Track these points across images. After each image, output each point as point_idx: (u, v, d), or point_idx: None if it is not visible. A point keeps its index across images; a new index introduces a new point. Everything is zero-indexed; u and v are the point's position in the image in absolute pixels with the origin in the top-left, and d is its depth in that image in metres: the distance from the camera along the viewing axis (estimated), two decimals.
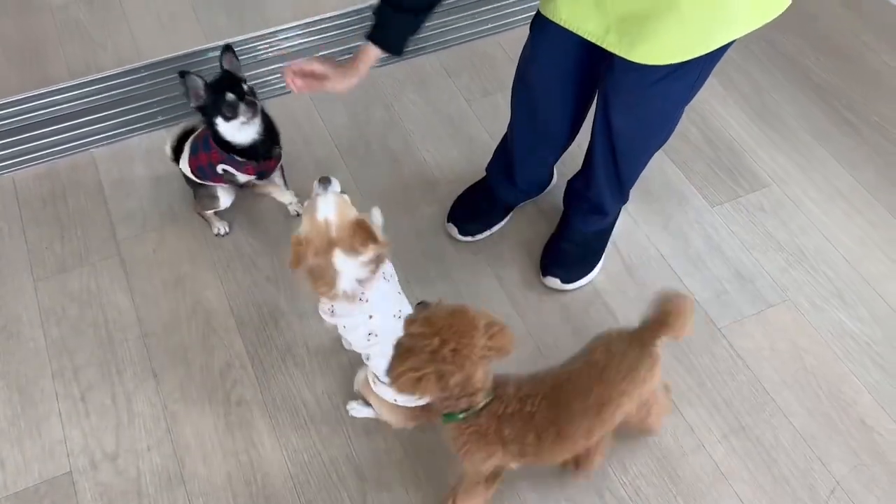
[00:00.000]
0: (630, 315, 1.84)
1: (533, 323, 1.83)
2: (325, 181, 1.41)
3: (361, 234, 1.36)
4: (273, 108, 2.07)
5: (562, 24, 1.42)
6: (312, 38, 2.42)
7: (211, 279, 1.89)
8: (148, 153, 2.12)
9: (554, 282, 1.86)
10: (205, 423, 1.67)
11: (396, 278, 1.53)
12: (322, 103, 2.23)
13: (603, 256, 1.91)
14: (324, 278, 1.38)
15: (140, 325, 1.81)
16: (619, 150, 1.66)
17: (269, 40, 2.41)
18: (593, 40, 1.40)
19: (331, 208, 1.36)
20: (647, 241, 1.97)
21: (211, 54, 2.37)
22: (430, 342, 1.17)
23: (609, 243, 1.93)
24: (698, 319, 1.83)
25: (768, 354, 1.78)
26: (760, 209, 2.04)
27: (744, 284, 1.89)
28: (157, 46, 2.40)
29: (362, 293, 1.41)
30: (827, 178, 2.10)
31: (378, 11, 1.42)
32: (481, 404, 1.29)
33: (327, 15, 2.48)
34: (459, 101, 2.27)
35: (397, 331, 1.25)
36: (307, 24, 2.45)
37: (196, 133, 1.87)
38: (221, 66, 1.72)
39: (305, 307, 1.84)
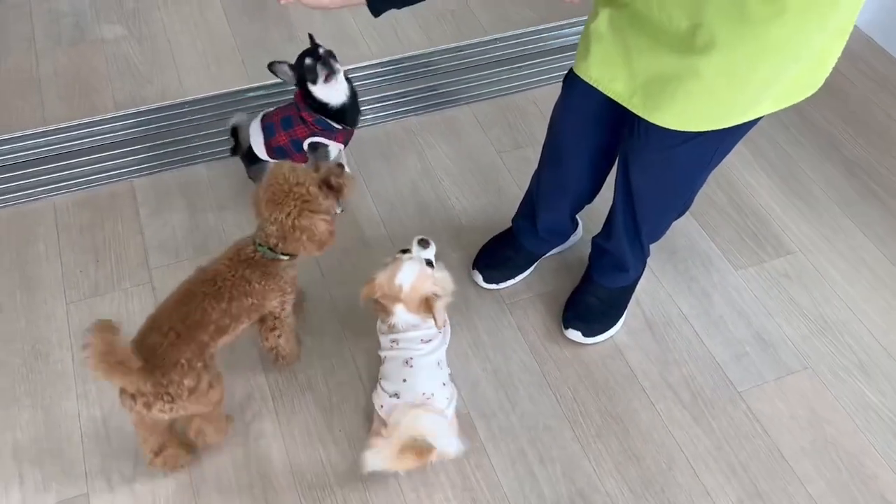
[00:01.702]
0: (650, 372, 1.84)
1: (552, 375, 1.83)
2: (423, 243, 1.61)
3: (426, 309, 1.56)
4: None
5: (592, 83, 1.47)
6: None
7: None
8: (186, 186, 2.18)
9: (575, 335, 1.87)
10: (222, 454, 1.69)
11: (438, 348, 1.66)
12: (357, 148, 2.28)
13: (625, 313, 1.93)
14: (384, 311, 1.61)
15: None
16: (639, 210, 1.69)
17: None
18: (619, 101, 1.45)
19: (409, 278, 1.55)
20: (670, 300, 1.98)
21: (251, 94, 2.45)
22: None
23: (632, 300, 1.95)
24: (718, 381, 1.83)
25: (787, 421, 1.77)
26: (785, 276, 2.05)
27: (765, 349, 1.89)
28: (201, 84, 2.48)
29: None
30: (853, 249, 2.11)
31: None
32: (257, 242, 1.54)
33: (362, 64, 2.55)
34: (491, 153, 2.32)
35: (414, 355, 1.59)
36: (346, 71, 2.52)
37: (266, 116, 2.01)
38: (311, 41, 1.94)
39: (328, 346, 1.87)
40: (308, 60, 1.90)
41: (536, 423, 1.76)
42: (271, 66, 1.92)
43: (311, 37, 1.96)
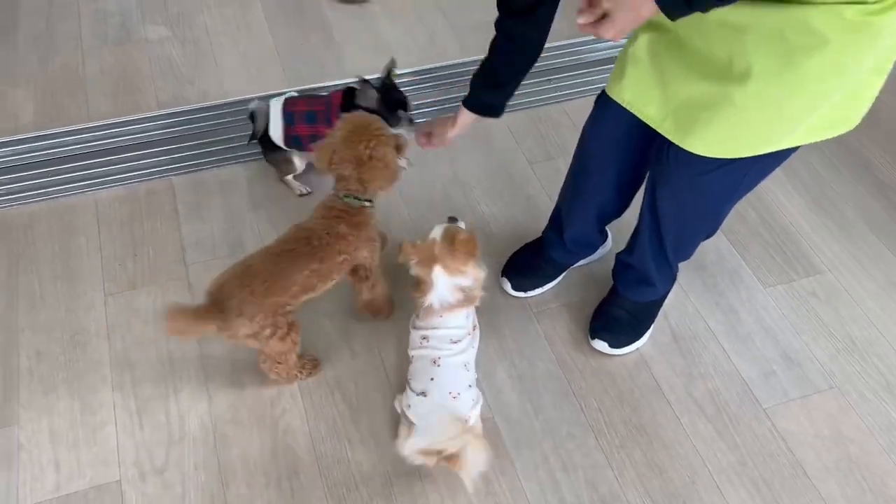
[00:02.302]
0: (675, 385, 1.86)
1: (577, 383, 1.85)
2: (451, 219, 1.74)
3: (461, 249, 1.62)
4: None
5: (625, 105, 1.49)
6: None
7: None
8: (224, 184, 2.23)
9: (602, 345, 1.89)
10: (252, 447, 1.73)
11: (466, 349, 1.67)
12: None
13: (652, 326, 1.94)
14: (421, 287, 1.65)
15: (200, 347, 1.88)
16: (665, 232, 1.70)
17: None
18: (651, 124, 1.47)
19: (439, 231, 1.67)
20: (697, 315, 1.99)
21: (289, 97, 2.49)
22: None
23: (659, 313, 1.96)
24: (743, 397, 1.84)
25: (812, 439, 1.77)
26: (813, 295, 2.05)
27: (791, 367, 1.90)
28: (241, 86, 2.54)
29: (441, 315, 1.65)
30: (883, 272, 2.11)
31: (472, 83, 1.62)
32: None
33: (401, 71, 2.59)
34: (522, 163, 2.35)
35: (443, 354, 1.62)
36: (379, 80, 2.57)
37: (289, 104, 2.07)
38: (388, 78, 2.05)
39: (358, 347, 1.90)
40: (402, 112, 2.04)
41: (560, 430, 1.78)
42: (363, 83, 2.01)
43: (390, 71, 2.06)
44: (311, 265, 1.60)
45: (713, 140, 1.38)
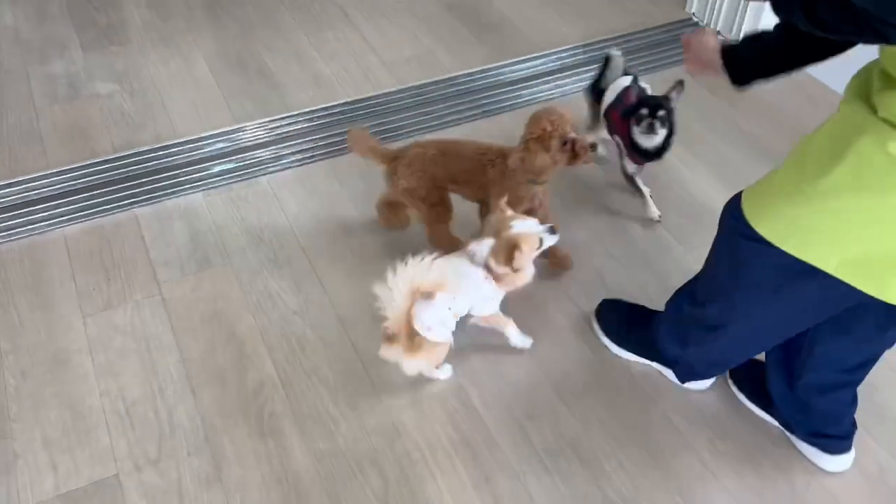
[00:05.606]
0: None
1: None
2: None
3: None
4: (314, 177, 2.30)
5: None
6: (324, 121, 2.73)
7: (243, 314, 2.10)
8: (186, 211, 2.38)
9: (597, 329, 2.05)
10: (240, 432, 1.84)
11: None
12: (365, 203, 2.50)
13: (635, 356, 2.01)
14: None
15: (179, 352, 2.00)
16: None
17: (287, 122, 2.73)
18: None
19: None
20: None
21: (237, 135, 2.67)
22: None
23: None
24: None
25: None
26: None
27: None
28: (192, 127, 2.70)
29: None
30: None
31: (742, 44, 1.58)
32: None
33: (339, 102, 2.81)
34: None
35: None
36: (322, 109, 2.78)
37: (626, 93, 2.28)
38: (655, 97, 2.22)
39: (330, 336, 2.05)
40: (644, 111, 2.16)
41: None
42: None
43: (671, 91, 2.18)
44: (466, 165, 2.01)
45: (753, 194, 1.43)
